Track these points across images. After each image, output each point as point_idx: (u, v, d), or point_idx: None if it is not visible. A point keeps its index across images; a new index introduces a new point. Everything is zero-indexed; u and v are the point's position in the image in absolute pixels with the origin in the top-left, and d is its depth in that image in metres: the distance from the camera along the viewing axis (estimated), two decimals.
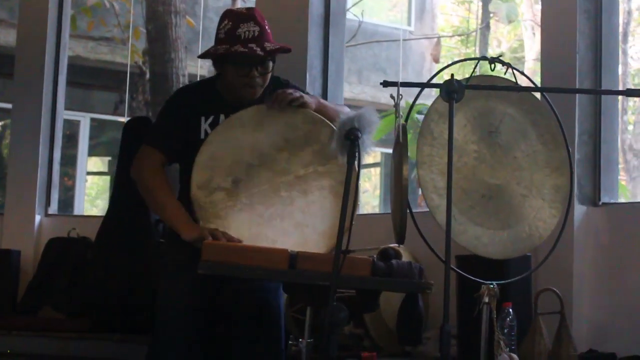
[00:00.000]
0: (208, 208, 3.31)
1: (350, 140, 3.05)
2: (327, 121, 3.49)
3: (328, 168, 3.42)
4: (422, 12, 13.83)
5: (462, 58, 11.85)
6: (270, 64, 3.47)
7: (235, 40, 3.36)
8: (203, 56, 3.53)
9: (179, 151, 3.46)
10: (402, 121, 3.41)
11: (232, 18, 3.42)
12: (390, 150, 11.48)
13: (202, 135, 3.42)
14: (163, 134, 3.46)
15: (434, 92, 3.97)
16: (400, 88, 3.48)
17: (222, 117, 3.45)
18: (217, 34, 3.44)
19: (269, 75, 3.48)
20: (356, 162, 3.06)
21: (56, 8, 6.80)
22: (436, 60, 11.75)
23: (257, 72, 3.40)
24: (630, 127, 11.78)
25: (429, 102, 3.80)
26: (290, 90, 3.45)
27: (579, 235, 4.50)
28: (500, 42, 14.41)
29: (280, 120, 3.43)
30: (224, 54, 3.37)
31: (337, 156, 3.17)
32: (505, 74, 3.77)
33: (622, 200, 4.87)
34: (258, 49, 3.36)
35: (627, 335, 4.35)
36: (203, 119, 3.43)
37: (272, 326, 3.54)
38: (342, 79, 5.81)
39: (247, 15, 3.43)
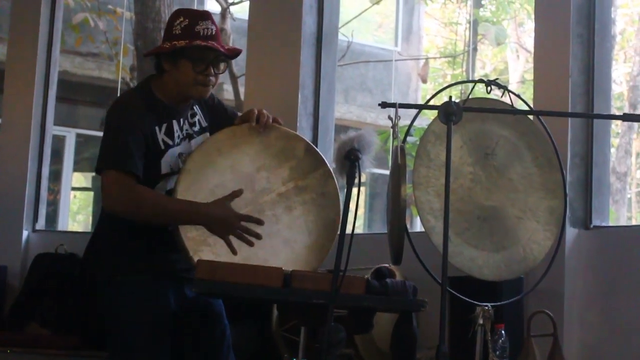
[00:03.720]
0: (195, 236, 3.29)
1: (350, 160, 3.05)
2: (300, 135, 3.56)
3: (307, 182, 3.43)
4: (409, 33, 13.88)
5: (452, 79, 11.94)
6: (225, 65, 3.44)
7: (194, 36, 3.31)
8: (152, 52, 3.47)
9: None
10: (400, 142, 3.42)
11: (188, 15, 3.36)
12: (375, 170, 11.38)
13: (162, 147, 3.35)
14: (128, 154, 3.25)
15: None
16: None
17: (174, 123, 3.39)
18: (171, 30, 3.36)
19: (219, 78, 3.45)
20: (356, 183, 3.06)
21: (47, 24, 6.80)
22: (424, 81, 11.79)
23: (213, 70, 3.38)
24: (613, 150, 11.84)
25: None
26: (264, 111, 3.44)
27: (570, 257, 4.51)
28: (484, 64, 14.49)
29: (254, 140, 3.43)
30: (184, 47, 3.31)
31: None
32: (502, 96, 3.80)
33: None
34: (219, 46, 3.36)
35: (619, 357, 4.37)
36: (157, 129, 3.34)
37: (216, 326, 3.51)
38: (334, 98, 5.82)
39: (204, 14, 3.40)
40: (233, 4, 9.21)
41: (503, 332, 3.86)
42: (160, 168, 3.35)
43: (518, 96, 3.88)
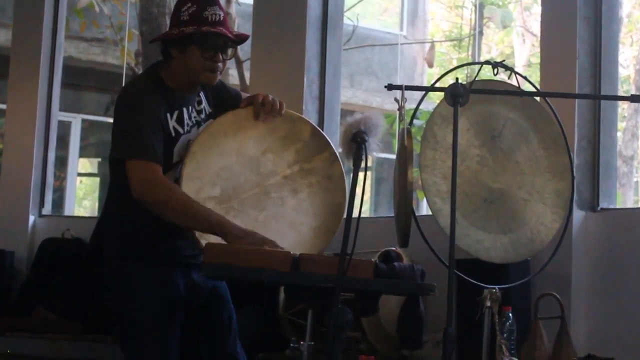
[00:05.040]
0: None
1: (356, 143, 3.03)
2: (305, 118, 3.53)
3: (313, 164, 3.41)
4: (414, 17, 13.83)
5: (458, 63, 11.89)
6: (233, 51, 3.41)
7: (202, 22, 3.27)
8: (160, 39, 3.43)
9: None
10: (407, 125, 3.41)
11: (195, 1, 3.31)
12: (381, 155, 11.35)
13: (173, 134, 3.32)
14: (150, 142, 3.23)
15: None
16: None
17: (184, 110, 3.36)
18: (179, 16, 3.31)
19: (226, 64, 3.42)
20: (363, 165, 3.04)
21: (52, 9, 6.79)
22: (430, 65, 11.74)
23: (222, 56, 3.35)
24: (620, 134, 11.80)
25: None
26: (270, 96, 3.42)
27: (577, 240, 4.51)
28: (490, 49, 14.43)
29: (260, 123, 3.40)
30: (192, 33, 3.26)
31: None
32: (508, 78, 3.78)
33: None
34: (227, 32, 3.34)
35: (626, 339, 4.37)
36: (169, 115, 3.32)
37: (223, 311, 3.50)
38: (339, 81, 5.82)
39: (211, 0, 3.38)
40: None
41: (510, 314, 3.86)
42: (172, 156, 3.33)
43: (525, 78, 3.87)
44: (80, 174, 12.09)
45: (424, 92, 3.97)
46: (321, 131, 3.51)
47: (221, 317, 3.47)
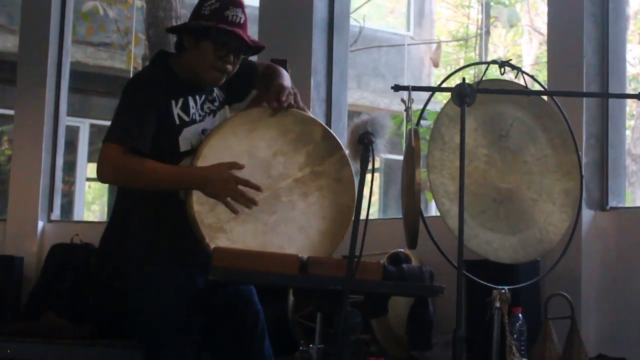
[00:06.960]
0: (212, 223, 3.27)
1: (363, 144, 3.03)
2: (317, 119, 3.50)
3: (324, 167, 3.38)
4: (421, 17, 13.83)
5: (464, 63, 11.89)
6: (246, 58, 3.40)
7: (221, 19, 3.27)
8: (177, 27, 3.43)
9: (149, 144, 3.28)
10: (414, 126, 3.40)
11: None
12: (389, 156, 11.32)
13: (177, 122, 3.30)
14: (128, 129, 3.20)
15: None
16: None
17: (190, 99, 3.33)
18: (200, 10, 3.32)
19: (235, 69, 3.40)
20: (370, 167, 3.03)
21: (58, 14, 6.80)
22: (436, 65, 11.72)
23: (233, 59, 3.33)
24: (628, 132, 11.76)
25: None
26: (283, 96, 3.40)
27: (587, 239, 4.49)
28: (497, 48, 14.42)
29: (271, 125, 3.38)
30: (210, 27, 3.26)
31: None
32: (516, 77, 3.77)
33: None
34: (244, 35, 3.32)
35: (637, 339, 4.35)
36: (173, 103, 3.29)
37: (247, 313, 3.49)
38: (346, 83, 5.81)
39: (236, 1, 3.34)
40: None
41: (520, 315, 3.85)
42: (177, 145, 3.30)
43: (532, 77, 3.85)
44: (88, 179, 12.10)
45: (430, 93, 3.96)
46: (333, 133, 3.48)
47: (244, 320, 3.45)
